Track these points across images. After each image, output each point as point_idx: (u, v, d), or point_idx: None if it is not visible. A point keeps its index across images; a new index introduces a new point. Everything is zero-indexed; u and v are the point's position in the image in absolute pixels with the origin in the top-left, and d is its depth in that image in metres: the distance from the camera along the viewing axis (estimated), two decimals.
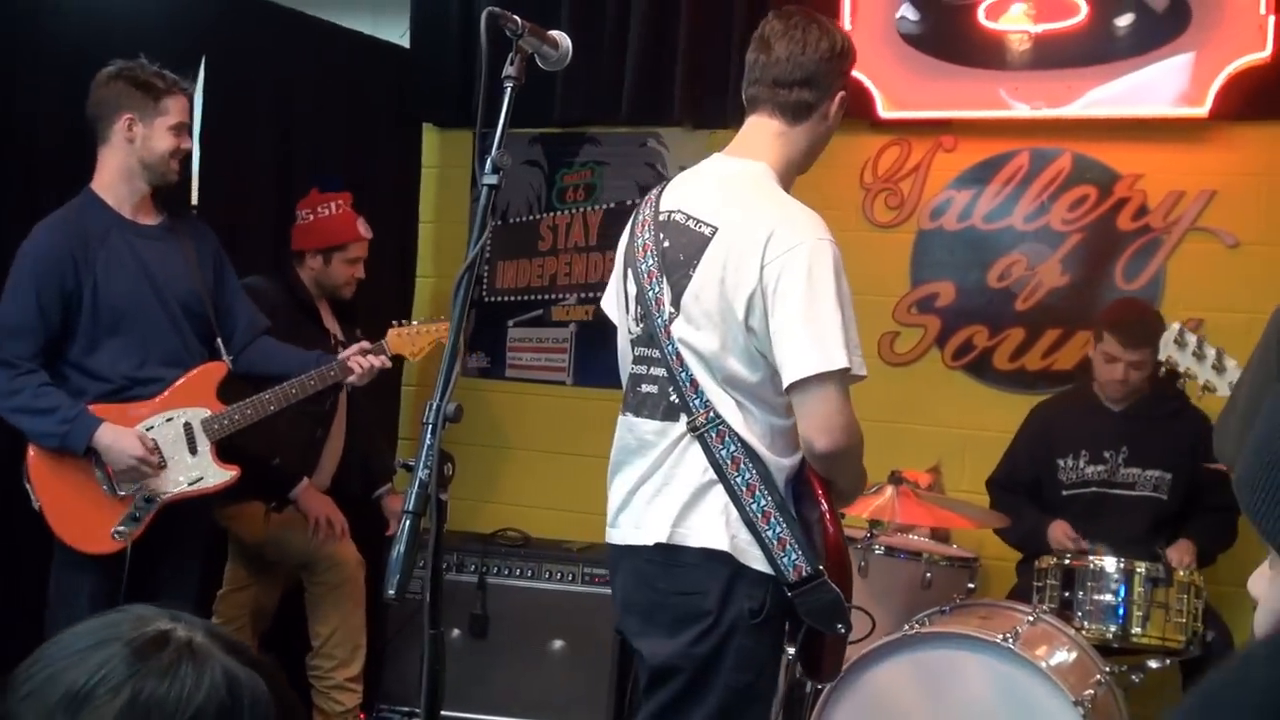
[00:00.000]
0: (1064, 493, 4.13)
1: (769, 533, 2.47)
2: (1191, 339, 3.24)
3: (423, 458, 1.85)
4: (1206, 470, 4.02)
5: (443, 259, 5.51)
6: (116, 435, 3.37)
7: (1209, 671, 0.99)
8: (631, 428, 2.68)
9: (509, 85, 2.08)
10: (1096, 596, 3.60)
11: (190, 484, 3.51)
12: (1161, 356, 3.33)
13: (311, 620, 4.30)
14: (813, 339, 2.43)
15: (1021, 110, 4.62)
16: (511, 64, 2.10)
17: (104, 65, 3.66)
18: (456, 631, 4.54)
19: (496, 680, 4.52)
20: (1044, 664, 3.21)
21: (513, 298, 5.38)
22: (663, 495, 2.59)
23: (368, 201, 4.63)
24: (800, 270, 2.44)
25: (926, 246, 4.83)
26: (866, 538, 3.71)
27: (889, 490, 3.62)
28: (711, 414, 2.51)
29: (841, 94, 2.68)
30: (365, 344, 3.84)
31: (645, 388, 2.64)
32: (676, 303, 2.56)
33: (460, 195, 5.48)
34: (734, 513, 2.51)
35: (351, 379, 3.77)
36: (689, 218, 2.61)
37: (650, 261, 2.62)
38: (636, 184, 5.16)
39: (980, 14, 4.63)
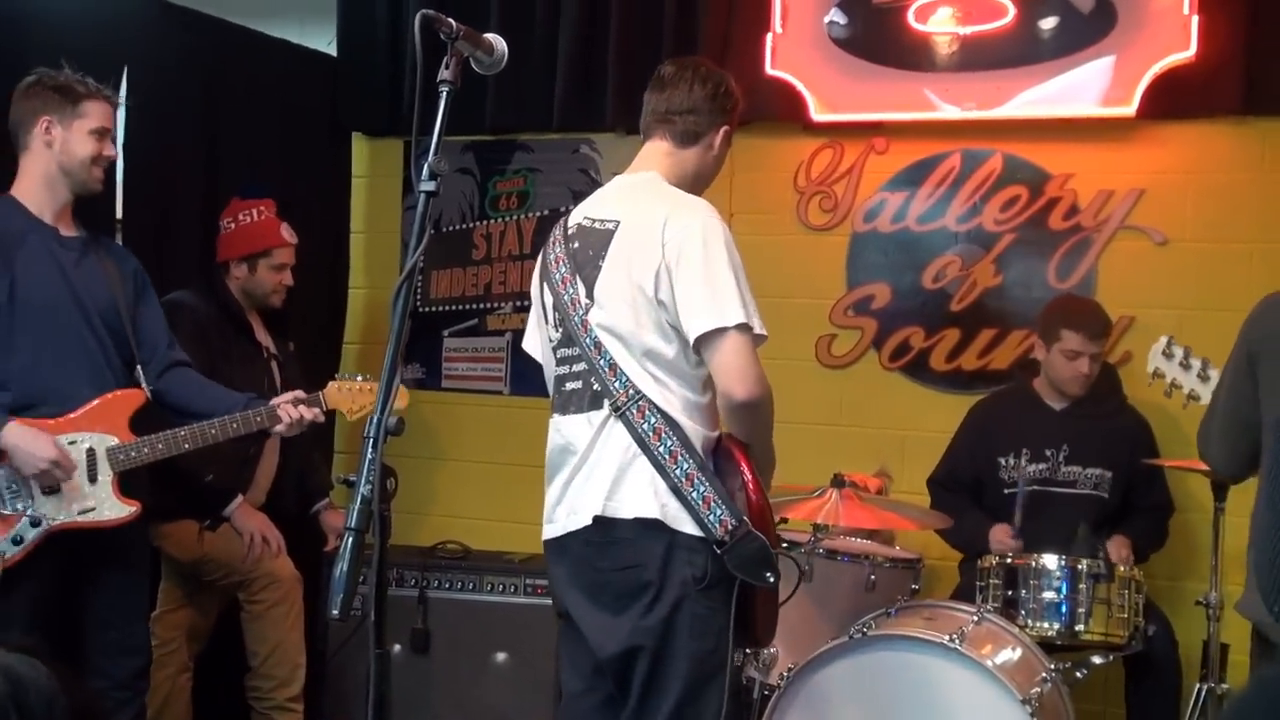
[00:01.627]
0: (1005, 491, 4.15)
1: (694, 494, 2.66)
2: (1179, 350, 3.47)
3: (364, 473, 1.80)
4: (1143, 468, 4.07)
5: (375, 269, 5.45)
6: (27, 436, 3.22)
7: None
8: (559, 427, 2.86)
9: (445, 89, 2.04)
10: (1039, 594, 3.62)
11: (80, 513, 3.32)
12: (1150, 368, 3.54)
13: (249, 639, 4.21)
14: (712, 298, 2.67)
15: (952, 112, 4.64)
16: (447, 68, 2.06)
17: (19, 73, 3.57)
18: (398, 647, 4.48)
19: (440, 695, 4.46)
20: (990, 663, 3.22)
21: (447, 307, 5.33)
22: (592, 477, 2.76)
23: (298, 212, 4.57)
24: (696, 242, 2.69)
25: (861, 249, 4.84)
26: (809, 541, 3.70)
27: (832, 493, 3.61)
28: (631, 391, 2.71)
29: (725, 128, 2.99)
30: (300, 394, 3.64)
31: (569, 385, 2.84)
32: (590, 294, 2.79)
33: (392, 205, 5.42)
34: (661, 482, 2.68)
35: (279, 428, 3.56)
36: (593, 220, 2.88)
37: (563, 269, 2.86)
38: (570, 191, 5.13)
39: (909, 16, 4.65)
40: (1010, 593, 3.65)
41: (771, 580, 2.69)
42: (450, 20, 2.08)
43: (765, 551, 2.66)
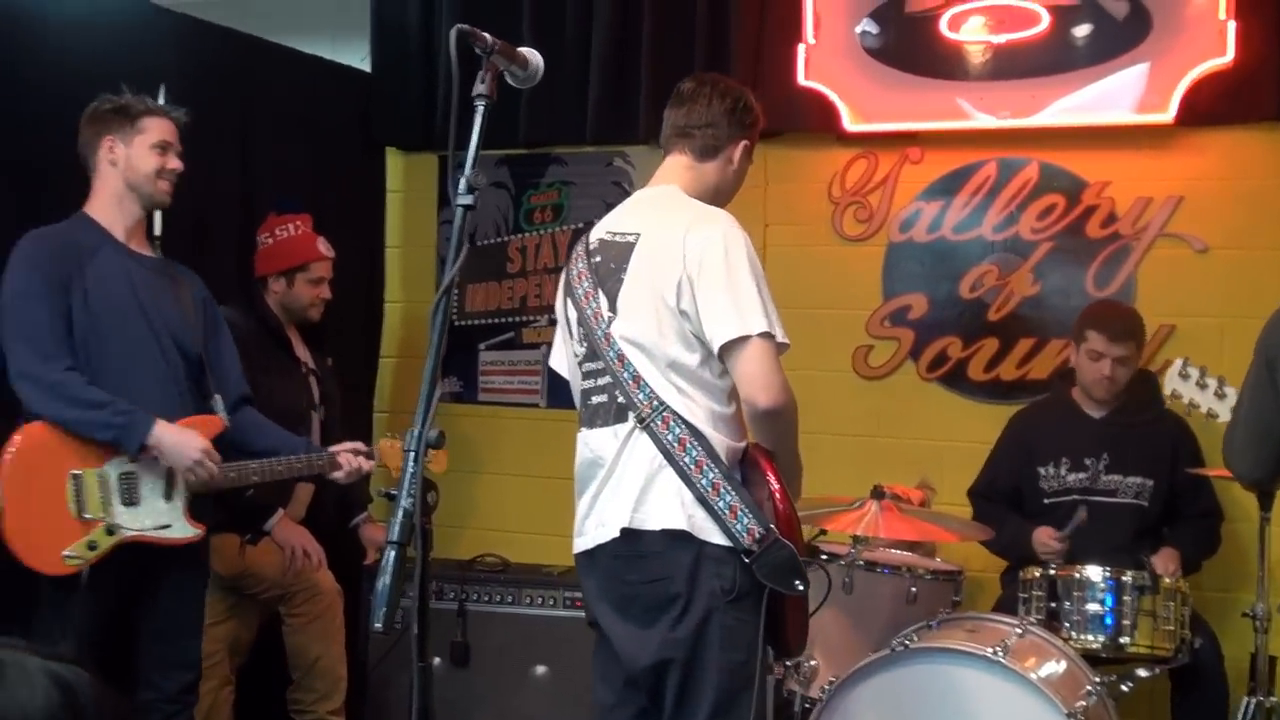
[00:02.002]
0: (1045, 501, 4.12)
1: (720, 503, 2.66)
2: (1194, 371, 3.46)
3: (405, 486, 1.80)
4: (1187, 475, 4.02)
5: (410, 283, 5.46)
6: (175, 434, 3.30)
7: None
8: (587, 441, 2.87)
9: (481, 104, 2.04)
10: (1084, 606, 3.57)
11: (156, 529, 3.37)
12: (1166, 391, 3.55)
13: (290, 652, 4.23)
14: (735, 307, 2.69)
15: (987, 121, 4.61)
16: (482, 82, 2.06)
17: (58, 92, 3.60)
18: (438, 660, 4.48)
19: (480, 707, 4.45)
20: (1034, 676, 3.18)
21: (483, 321, 5.34)
22: (620, 489, 2.76)
23: (332, 227, 4.58)
24: (718, 252, 2.71)
25: (897, 259, 4.82)
26: (849, 553, 3.68)
27: (871, 505, 3.58)
28: (656, 402, 2.71)
29: (745, 143, 3.01)
30: (359, 445, 3.73)
31: (595, 399, 2.85)
32: (613, 306, 2.81)
33: (426, 219, 5.44)
34: (687, 493, 2.68)
35: (338, 475, 3.65)
36: (614, 234, 2.90)
37: (586, 284, 2.88)
38: (604, 203, 5.11)
39: (942, 25, 4.63)
40: (1054, 604, 3.61)
41: (800, 588, 2.67)
42: (485, 35, 2.08)
43: (793, 559, 2.66)
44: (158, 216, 4.22)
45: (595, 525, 2.81)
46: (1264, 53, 4.27)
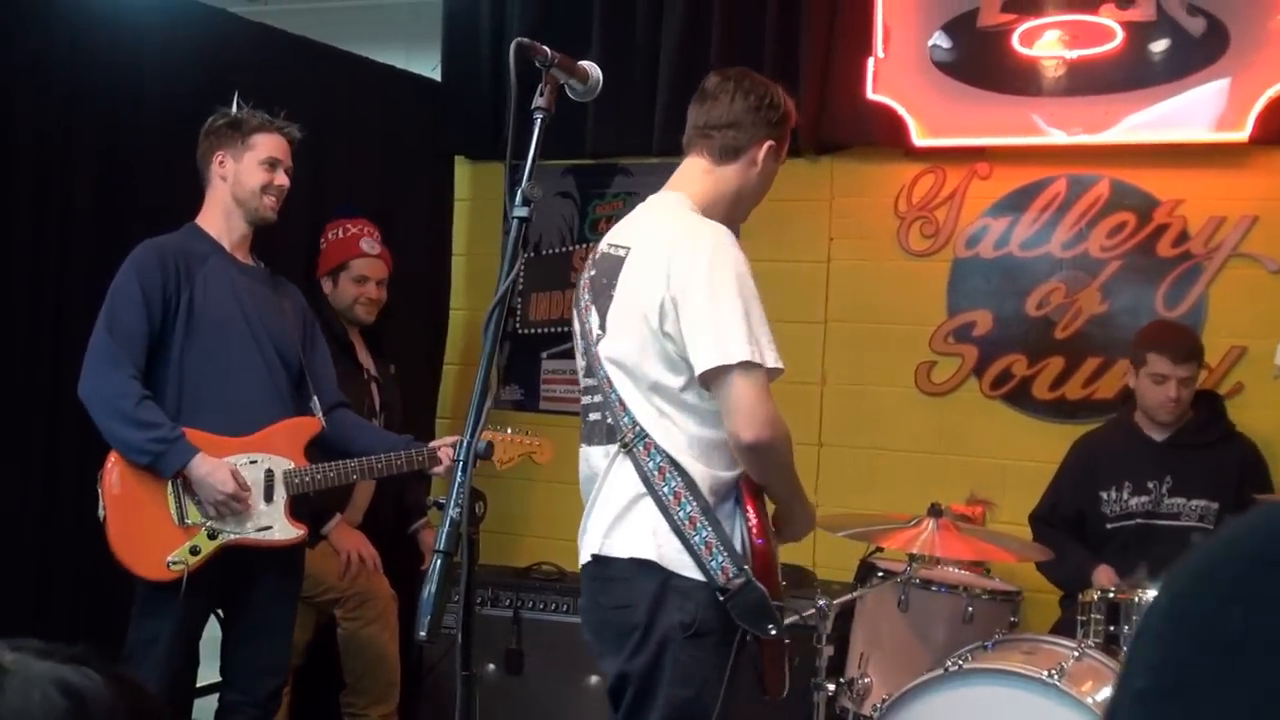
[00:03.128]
0: (1108, 525, 4.06)
1: (696, 538, 2.54)
2: None
3: (454, 496, 1.82)
4: (1255, 502, 3.95)
5: (475, 291, 5.50)
6: (212, 467, 3.33)
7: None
8: (586, 457, 2.82)
9: (539, 116, 2.05)
10: None
11: (257, 531, 3.43)
12: (1278, 359, 3.41)
13: (345, 657, 4.27)
14: (715, 333, 2.53)
15: (1058, 137, 4.57)
16: (541, 95, 2.08)
17: (135, 100, 3.67)
18: (491, 667, 4.50)
19: (533, 715, 4.47)
20: (1091, 700, 3.13)
21: (546, 330, 5.36)
22: (601, 512, 2.69)
23: (400, 234, 4.64)
24: (702, 273, 2.55)
25: (963, 275, 4.78)
26: (905, 571, 3.65)
27: (929, 523, 3.55)
28: (637, 429, 2.61)
29: (770, 143, 2.81)
30: (458, 439, 3.71)
31: (592, 416, 2.78)
32: (603, 324, 2.70)
33: (493, 228, 5.47)
34: (663, 524, 2.57)
35: (439, 469, 3.63)
36: (611, 246, 2.77)
37: (586, 297, 2.80)
38: None
39: (1014, 40, 4.60)
40: (1112, 628, 3.55)
41: (773, 632, 2.56)
42: (545, 48, 2.10)
43: (764, 603, 2.54)
44: None
45: (582, 544, 2.78)
46: None
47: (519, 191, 1.98)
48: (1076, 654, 3.36)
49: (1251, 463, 4.09)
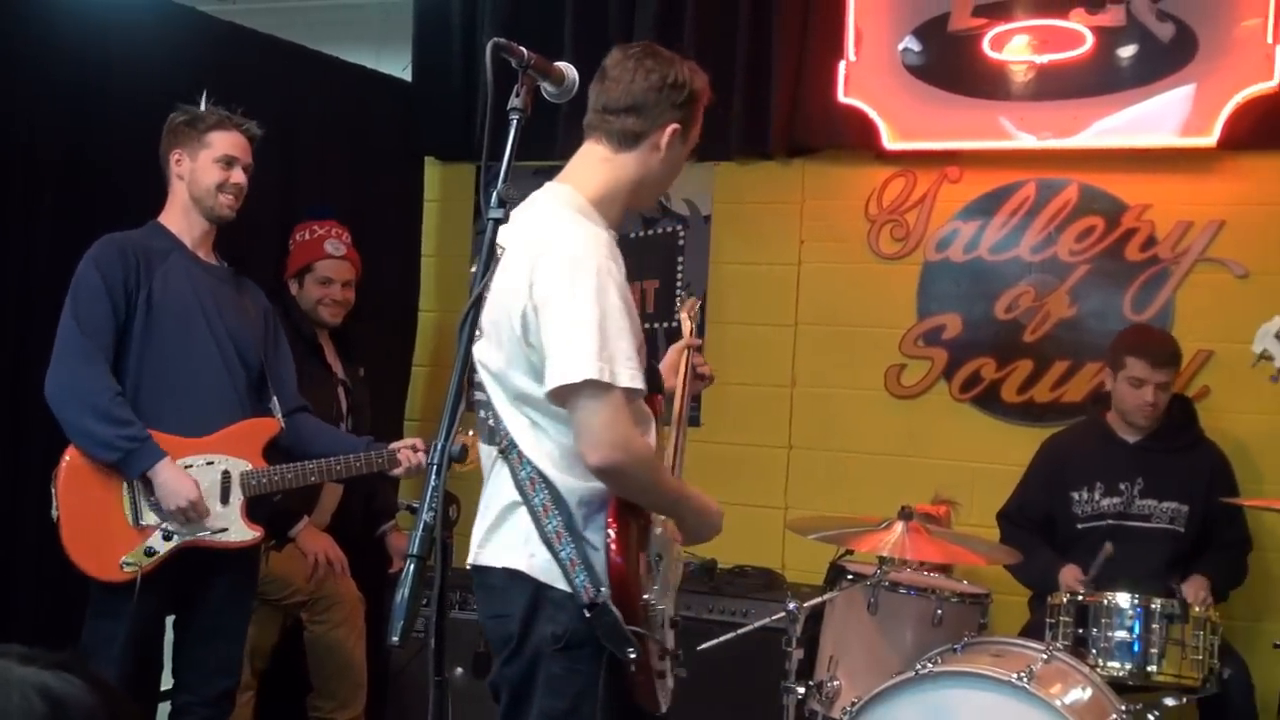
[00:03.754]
0: (1079, 526, 4.08)
1: (563, 553, 2.42)
2: None
3: (427, 499, 1.80)
4: (1221, 505, 3.98)
5: (445, 293, 5.48)
6: (175, 475, 3.32)
7: None
8: (483, 455, 2.67)
9: (515, 117, 2.04)
10: (1111, 633, 3.54)
11: (213, 533, 3.40)
12: (1257, 349, 3.31)
13: (311, 660, 4.24)
14: (564, 350, 2.35)
15: (1027, 141, 4.59)
16: (517, 95, 2.06)
17: (101, 97, 3.63)
18: (460, 670, 4.47)
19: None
20: (1059, 703, 3.14)
21: None
22: (479, 518, 2.59)
23: (369, 235, 4.61)
24: (562, 283, 2.38)
25: (933, 278, 4.80)
26: (875, 574, 3.66)
27: (898, 525, 3.56)
28: (509, 438, 2.49)
29: (674, 127, 2.56)
30: (418, 441, 3.61)
31: (481, 413, 2.62)
32: (481, 326, 2.49)
33: (462, 229, 5.46)
34: (534, 534, 2.45)
35: (398, 471, 3.60)
36: (499, 243, 2.54)
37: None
38: (641, 216, 5.13)
39: (985, 45, 4.62)
40: (1081, 631, 3.57)
41: (632, 655, 2.41)
42: (522, 49, 2.09)
43: (617, 628, 2.39)
44: None
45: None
46: None
47: (494, 193, 1.96)
48: (1045, 656, 3.37)
49: (1219, 467, 4.12)
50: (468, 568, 2.59)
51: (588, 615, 2.40)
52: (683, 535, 2.67)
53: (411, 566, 1.78)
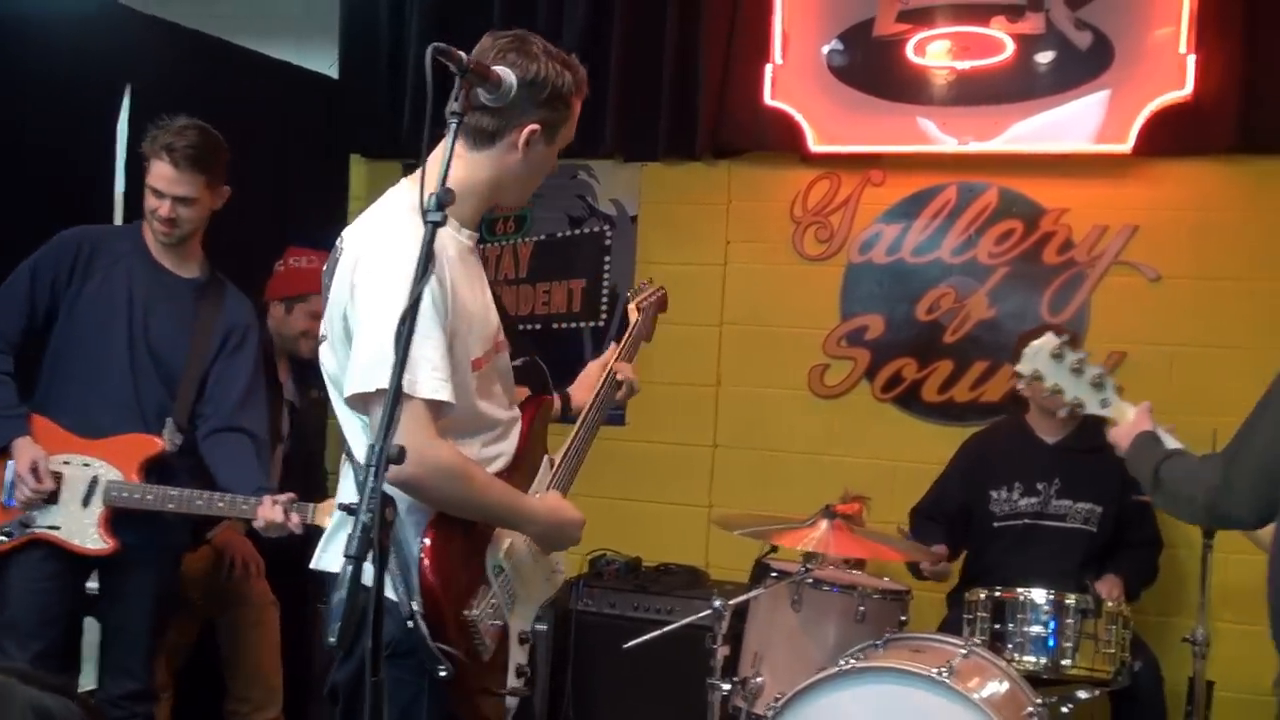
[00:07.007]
0: (995, 524, 4.17)
1: (392, 563, 2.27)
2: (1071, 355, 2.89)
3: (364, 501, 1.80)
4: (1133, 503, 4.08)
5: None
6: (25, 448, 3.35)
7: None
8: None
9: (454, 121, 2.04)
10: (1027, 628, 3.62)
11: (68, 534, 3.39)
12: (1025, 369, 2.91)
13: (226, 662, 4.21)
14: (366, 356, 2.24)
15: (949, 145, 4.67)
16: (456, 99, 2.06)
17: (19, 88, 3.59)
18: None
19: None
20: (977, 696, 3.21)
21: None
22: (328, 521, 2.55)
23: (294, 233, 4.57)
24: (375, 287, 2.27)
25: (856, 280, 4.87)
26: (799, 571, 3.71)
27: (822, 524, 3.61)
28: (348, 443, 2.40)
29: (533, 127, 2.42)
30: (293, 495, 3.34)
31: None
32: (322, 329, 2.46)
33: None
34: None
35: (256, 524, 3.34)
36: (339, 241, 2.49)
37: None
38: (567, 216, 5.15)
39: (908, 50, 4.69)
40: (998, 626, 3.65)
41: (442, 673, 2.30)
42: (460, 54, 2.09)
43: (424, 644, 2.29)
44: (118, 215, 4.26)
45: None
46: (1221, 86, 4.35)
47: (434, 196, 1.96)
48: (964, 652, 3.44)
49: None
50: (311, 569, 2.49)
51: (410, 626, 2.30)
52: (538, 544, 2.59)
53: (348, 568, 1.78)
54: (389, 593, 2.32)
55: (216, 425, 3.52)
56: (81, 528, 3.40)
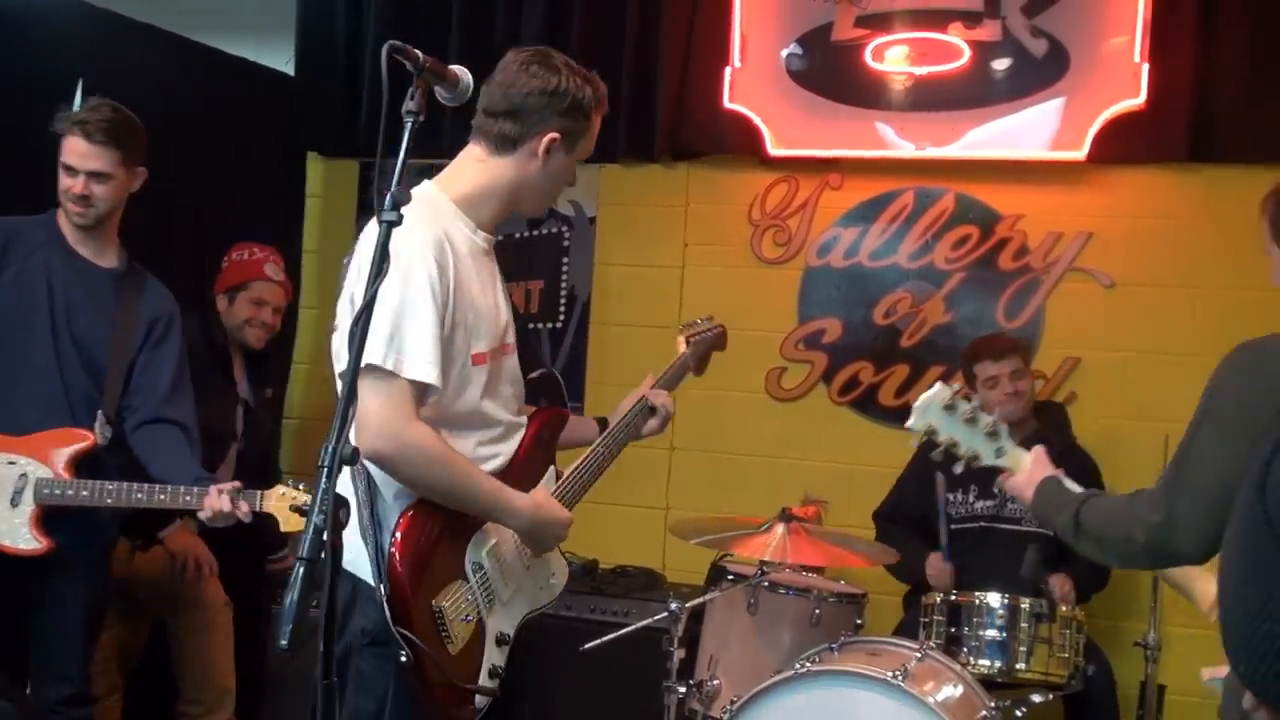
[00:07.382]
0: (952, 527, 4.18)
1: (370, 546, 2.37)
2: (965, 406, 2.72)
3: (317, 502, 1.79)
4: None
5: (326, 289, 5.41)
6: None
7: None
8: None
9: (410, 120, 2.03)
10: (982, 632, 3.64)
11: None
12: (918, 425, 2.74)
13: (177, 663, 4.17)
14: (381, 335, 2.32)
15: (906, 150, 4.69)
16: (412, 98, 2.05)
17: None
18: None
19: None
20: (932, 700, 3.22)
21: None
22: None
23: (250, 230, 4.54)
24: (390, 279, 2.26)
25: (814, 283, 4.88)
26: (755, 574, 3.71)
27: (779, 527, 3.62)
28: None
29: (553, 136, 2.53)
30: (238, 484, 3.25)
31: None
32: (337, 321, 2.53)
33: (345, 224, 5.40)
34: (355, 525, 2.38)
35: (202, 515, 3.23)
36: (355, 242, 2.57)
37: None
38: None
39: (867, 55, 4.71)
40: (953, 629, 3.67)
41: (403, 659, 2.33)
42: (417, 52, 2.08)
43: (389, 629, 2.33)
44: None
45: None
46: (1175, 95, 4.40)
47: (389, 196, 1.95)
48: (919, 655, 3.45)
49: (1088, 472, 4.24)
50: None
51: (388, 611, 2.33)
52: (523, 540, 2.61)
53: (300, 570, 1.76)
54: (369, 578, 2.37)
55: (145, 417, 3.43)
56: (12, 528, 3.29)
